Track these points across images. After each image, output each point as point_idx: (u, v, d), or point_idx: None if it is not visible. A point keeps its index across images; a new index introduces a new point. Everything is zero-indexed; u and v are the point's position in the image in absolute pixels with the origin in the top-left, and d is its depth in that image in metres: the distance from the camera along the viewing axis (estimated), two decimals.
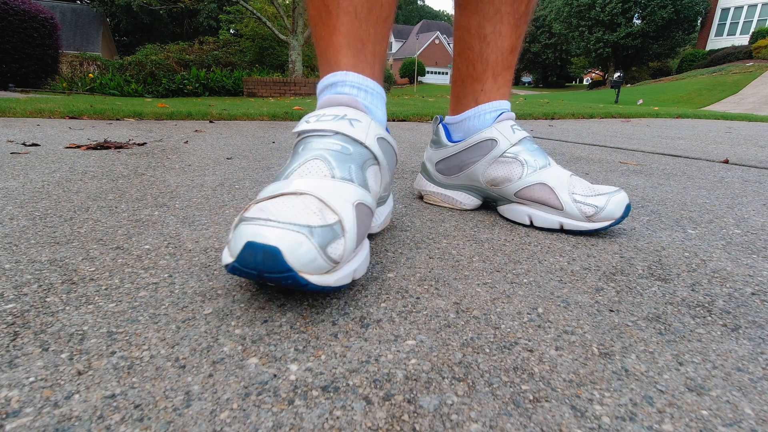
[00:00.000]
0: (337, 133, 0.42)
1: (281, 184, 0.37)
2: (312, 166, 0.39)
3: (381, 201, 0.52)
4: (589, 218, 0.54)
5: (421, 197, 0.73)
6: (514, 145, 0.60)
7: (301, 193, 0.35)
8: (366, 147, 0.43)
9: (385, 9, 0.49)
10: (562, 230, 0.57)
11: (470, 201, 0.67)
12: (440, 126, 0.68)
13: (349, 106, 0.45)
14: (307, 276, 0.31)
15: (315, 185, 0.37)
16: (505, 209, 0.63)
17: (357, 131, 0.43)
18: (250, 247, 0.29)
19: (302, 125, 0.43)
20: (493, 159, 0.61)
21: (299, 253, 0.30)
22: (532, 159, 0.59)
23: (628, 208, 0.54)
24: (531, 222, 0.59)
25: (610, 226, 0.54)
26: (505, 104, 0.63)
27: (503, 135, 0.60)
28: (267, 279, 0.30)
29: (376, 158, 0.45)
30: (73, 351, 0.29)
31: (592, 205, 0.54)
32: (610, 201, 0.53)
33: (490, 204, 0.67)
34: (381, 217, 0.52)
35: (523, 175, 0.59)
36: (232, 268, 0.31)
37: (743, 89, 10.47)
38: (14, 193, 0.68)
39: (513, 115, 0.64)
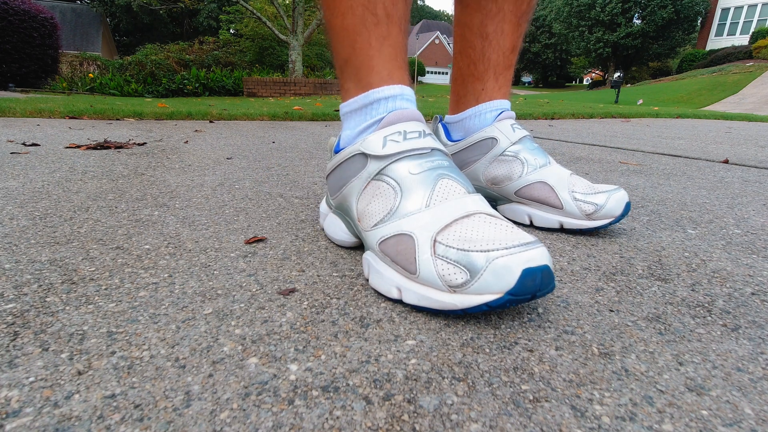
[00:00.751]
0: (433, 149, 0.43)
1: (439, 210, 0.37)
2: (447, 186, 0.40)
3: None
4: (588, 216, 0.54)
5: None
6: (514, 144, 0.60)
7: (490, 216, 0.38)
8: (449, 157, 0.45)
9: (407, 22, 0.50)
10: (562, 229, 0.57)
11: None
12: (440, 125, 0.68)
13: (418, 121, 0.44)
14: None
15: (478, 207, 0.38)
16: (505, 209, 0.62)
17: (440, 144, 0.44)
18: (529, 273, 0.31)
19: (392, 146, 0.41)
20: (493, 158, 0.61)
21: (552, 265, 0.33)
22: (533, 158, 0.59)
23: (627, 206, 0.53)
24: (531, 222, 0.59)
25: (610, 224, 0.54)
26: (506, 103, 0.63)
27: (503, 134, 0.60)
28: (538, 297, 0.32)
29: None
30: (73, 351, 0.29)
31: (592, 203, 0.53)
32: (610, 199, 0.53)
33: (490, 204, 0.67)
34: None
35: (524, 173, 0.59)
36: (504, 302, 0.31)
37: (743, 89, 10.47)
38: (14, 193, 0.68)
39: (513, 114, 0.63)
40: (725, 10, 17.90)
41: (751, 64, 12.71)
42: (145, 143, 1.31)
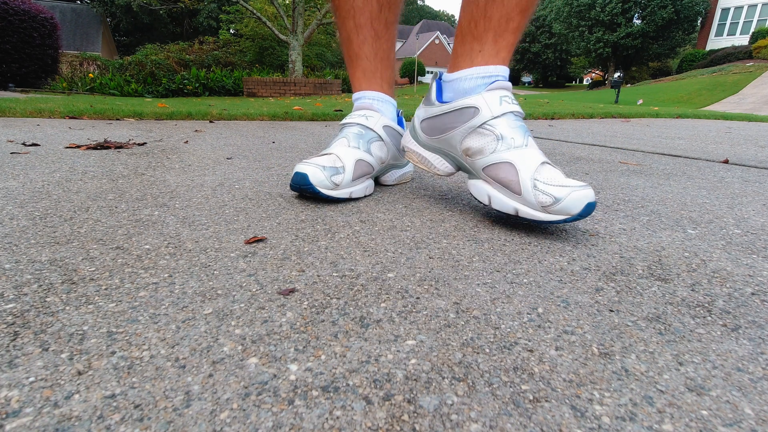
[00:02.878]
0: (357, 123, 0.74)
1: (325, 150, 0.71)
2: (340, 140, 0.72)
3: (399, 165, 0.83)
4: (544, 208, 0.51)
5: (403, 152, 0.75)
6: (495, 118, 0.57)
7: (329, 153, 0.70)
8: (373, 131, 0.74)
9: (387, 51, 0.77)
10: (517, 217, 0.55)
11: (444, 167, 0.65)
12: (434, 83, 0.65)
13: (368, 109, 0.76)
14: (321, 189, 0.64)
15: (337, 149, 0.70)
16: (470, 184, 0.61)
17: (369, 122, 0.74)
18: (297, 174, 0.64)
19: (344, 120, 0.76)
20: (471, 128, 0.58)
21: (317, 177, 0.64)
22: (510, 136, 0.56)
23: (589, 206, 0.50)
24: (489, 202, 0.57)
25: (565, 221, 0.51)
26: (502, 70, 0.59)
27: (488, 105, 0.57)
28: (302, 191, 0.65)
29: (380, 137, 0.75)
30: (73, 351, 0.29)
31: (551, 195, 0.51)
32: (571, 195, 0.50)
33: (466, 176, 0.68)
34: (396, 175, 0.83)
35: (496, 149, 0.56)
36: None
37: (743, 89, 10.47)
38: (14, 193, 0.68)
39: (509, 85, 0.60)
40: (725, 10, 17.90)
41: (751, 64, 12.71)
42: (145, 143, 1.31)
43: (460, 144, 0.61)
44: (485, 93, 0.58)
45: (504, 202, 0.55)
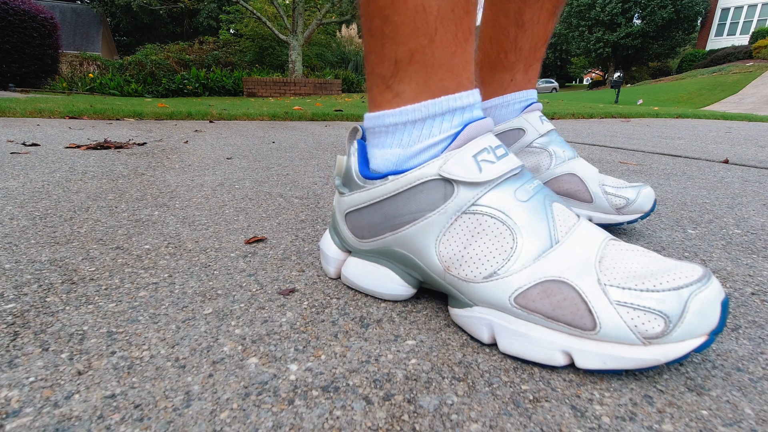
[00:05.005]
0: (523, 166, 0.36)
1: (577, 245, 0.31)
2: (561, 211, 0.33)
3: None
4: (619, 210, 0.53)
5: None
6: (542, 136, 0.59)
7: (605, 240, 0.33)
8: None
9: None
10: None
11: None
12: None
13: (492, 133, 0.37)
14: None
15: (597, 229, 0.33)
16: None
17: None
18: (726, 305, 0.28)
19: (490, 169, 0.33)
20: (520, 148, 0.59)
21: None
22: (561, 150, 0.58)
23: (654, 202, 0.53)
24: None
25: (639, 219, 0.53)
26: (533, 94, 0.61)
27: (531, 125, 0.59)
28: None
29: None
30: (73, 351, 0.29)
31: (623, 197, 0.53)
32: (640, 194, 0.53)
33: None
34: None
35: (551, 165, 0.57)
36: (709, 344, 0.27)
37: (743, 89, 10.47)
38: (14, 193, 0.68)
39: (540, 106, 0.62)
40: (725, 10, 17.91)
41: (751, 64, 12.71)
42: (145, 143, 1.31)
43: None
44: (525, 114, 0.59)
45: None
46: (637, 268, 0.29)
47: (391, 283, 0.37)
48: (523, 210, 0.32)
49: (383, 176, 0.35)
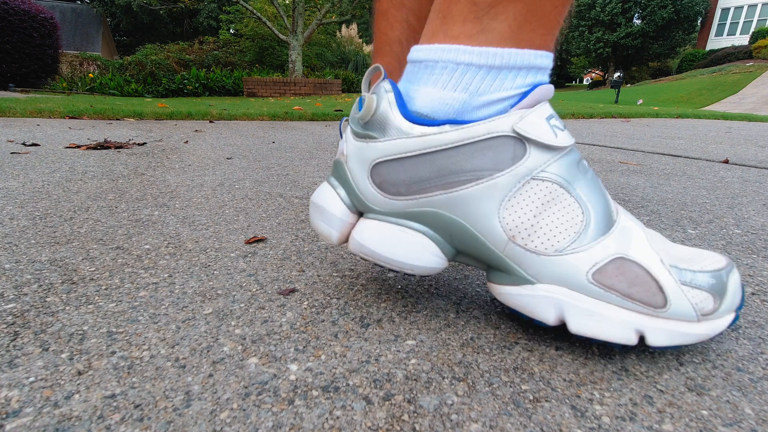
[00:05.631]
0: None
1: (634, 224, 0.31)
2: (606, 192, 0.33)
3: None
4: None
5: None
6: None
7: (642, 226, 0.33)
8: None
9: None
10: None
11: None
12: None
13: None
14: None
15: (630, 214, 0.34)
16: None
17: None
18: (743, 286, 0.31)
19: (563, 136, 0.30)
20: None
21: None
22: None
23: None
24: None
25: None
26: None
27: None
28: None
29: None
30: (73, 351, 0.29)
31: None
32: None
33: None
34: None
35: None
36: (735, 321, 0.30)
37: (743, 89, 10.47)
38: (14, 193, 0.68)
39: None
40: (725, 10, 17.90)
41: (751, 64, 12.71)
42: (145, 143, 1.31)
43: None
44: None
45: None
46: (678, 252, 0.31)
47: (426, 253, 0.31)
48: (586, 184, 0.30)
49: (439, 123, 0.30)
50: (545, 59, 0.31)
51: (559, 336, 0.32)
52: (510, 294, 0.31)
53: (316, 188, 0.35)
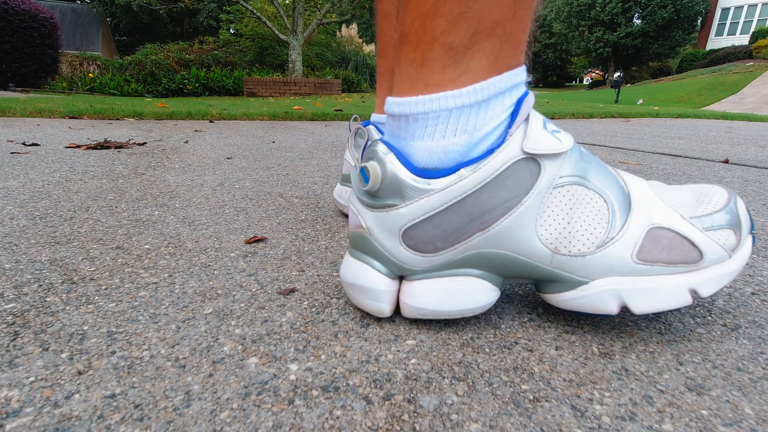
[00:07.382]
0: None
1: (645, 189, 0.33)
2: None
3: None
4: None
5: None
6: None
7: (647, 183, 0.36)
8: None
9: None
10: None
11: None
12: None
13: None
14: None
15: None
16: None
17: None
18: (747, 210, 0.34)
19: (564, 137, 0.32)
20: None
21: None
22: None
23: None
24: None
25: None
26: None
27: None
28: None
29: None
30: (73, 351, 0.29)
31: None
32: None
33: None
34: None
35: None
36: (755, 238, 0.34)
37: (743, 89, 10.47)
38: (14, 193, 0.68)
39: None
40: (725, 10, 17.90)
41: (751, 63, 12.71)
42: (145, 143, 1.31)
43: None
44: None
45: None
46: (685, 199, 0.33)
47: (481, 292, 0.32)
48: (595, 172, 0.32)
49: (451, 171, 0.30)
50: (522, 73, 0.32)
51: (559, 336, 0.32)
52: (570, 299, 0.32)
53: (344, 268, 0.34)
